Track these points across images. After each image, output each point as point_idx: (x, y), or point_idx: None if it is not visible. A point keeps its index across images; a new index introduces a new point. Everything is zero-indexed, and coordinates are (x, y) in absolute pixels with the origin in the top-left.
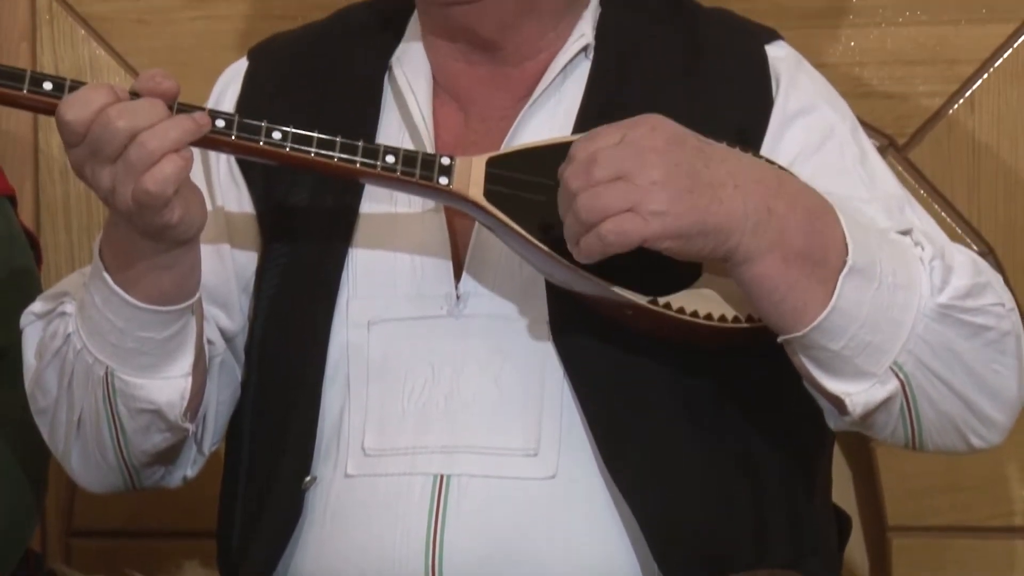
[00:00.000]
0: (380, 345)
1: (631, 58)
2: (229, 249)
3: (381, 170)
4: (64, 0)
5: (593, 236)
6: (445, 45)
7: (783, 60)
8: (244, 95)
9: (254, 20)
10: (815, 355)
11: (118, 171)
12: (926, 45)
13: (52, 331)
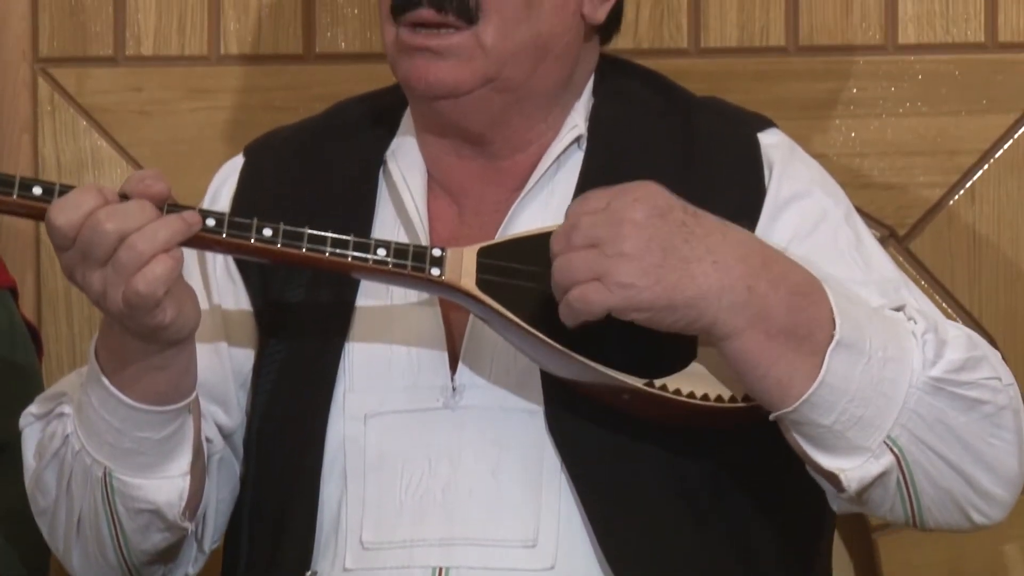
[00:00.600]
0: (377, 438)
1: (624, 149)
2: (227, 347)
3: (373, 264)
4: (66, 91)
5: (564, 302)
6: (436, 140)
7: (776, 147)
8: (240, 192)
9: (255, 111)
10: (807, 431)
11: (108, 274)
12: (926, 136)
13: (51, 432)
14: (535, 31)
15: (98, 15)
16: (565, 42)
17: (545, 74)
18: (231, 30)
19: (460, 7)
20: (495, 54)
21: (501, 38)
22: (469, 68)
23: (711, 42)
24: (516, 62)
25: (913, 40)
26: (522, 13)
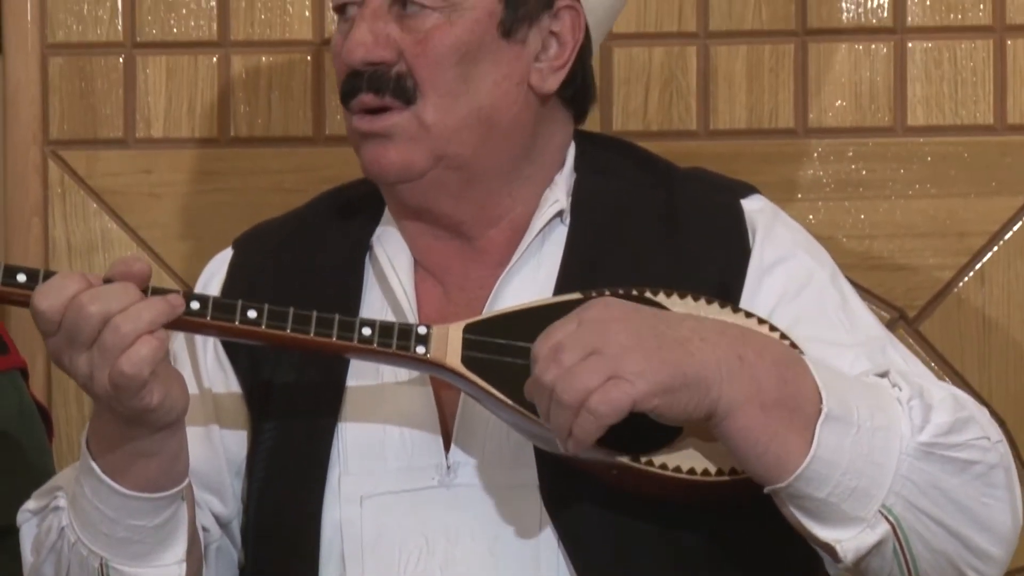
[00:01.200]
0: (373, 520)
1: (608, 223)
2: (219, 433)
3: (358, 342)
4: (76, 174)
5: (584, 414)
6: (411, 223)
7: (759, 212)
8: (228, 284)
9: (266, 193)
10: (802, 504)
11: (94, 356)
12: (935, 218)
13: (47, 527)
14: (475, 105)
15: (108, 98)
16: (512, 115)
17: (495, 148)
18: (241, 113)
19: (397, 88)
20: (437, 131)
21: (441, 115)
22: (416, 148)
23: (720, 124)
24: (460, 138)
25: (922, 122)
26: (459, 88)
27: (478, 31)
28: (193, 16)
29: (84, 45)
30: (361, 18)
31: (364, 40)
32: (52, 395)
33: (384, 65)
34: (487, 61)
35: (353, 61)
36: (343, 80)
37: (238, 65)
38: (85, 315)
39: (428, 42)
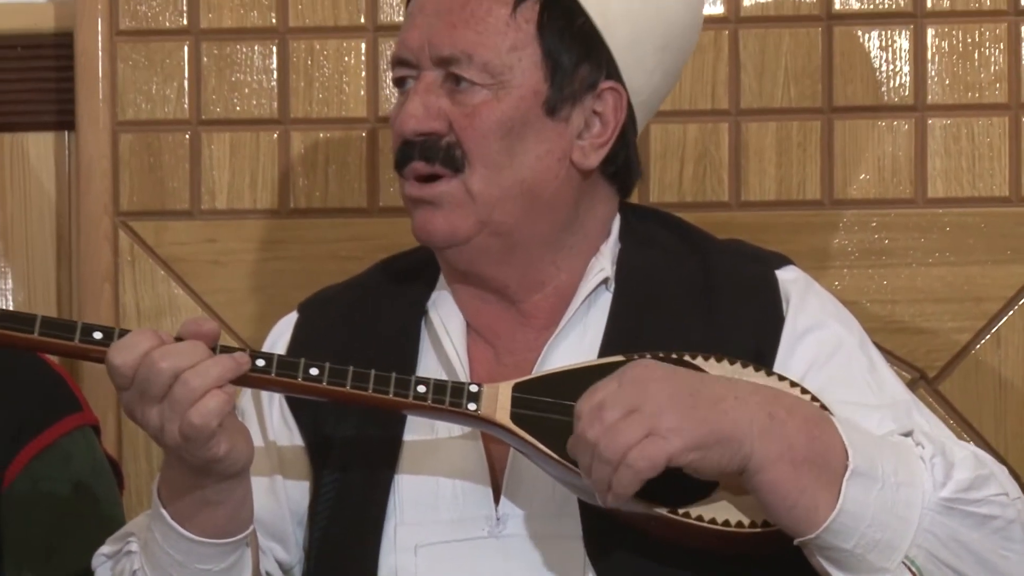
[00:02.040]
0: (427, 568)
1: (650, 291)
2: (283, 484)
3: (413, 399)
4: (145, 243)
5: (623, 469)
6: (462, 287)
7: (793, 282)
8: (293, 345)
9: (323, 261)
10: (830, 555)
11: (165, 409)
12: (954, 284)
13: (120, 570)
14: (519, 177)
15: (175, 172)
16: (554, 188)
17: (537, 218)
18: (300, 186)
19: (446, 157)
20: (483, 200)
21: (487, 185)
22: (462, 215)
23: (751, 196)
24: (504, 207)
25: (941, 194)
26: (504, 160)
27: (523, 108)
28: (255, 95)
29: (152, 122)
30: (415, 91)
31: (416, 112)
32: (123, 449)
33: (435, 136)
34: (531, 137)
35: (406, 131)
36: (397, 148)
37: (297, 141)
38: (156, 371)
39: (476, 116)
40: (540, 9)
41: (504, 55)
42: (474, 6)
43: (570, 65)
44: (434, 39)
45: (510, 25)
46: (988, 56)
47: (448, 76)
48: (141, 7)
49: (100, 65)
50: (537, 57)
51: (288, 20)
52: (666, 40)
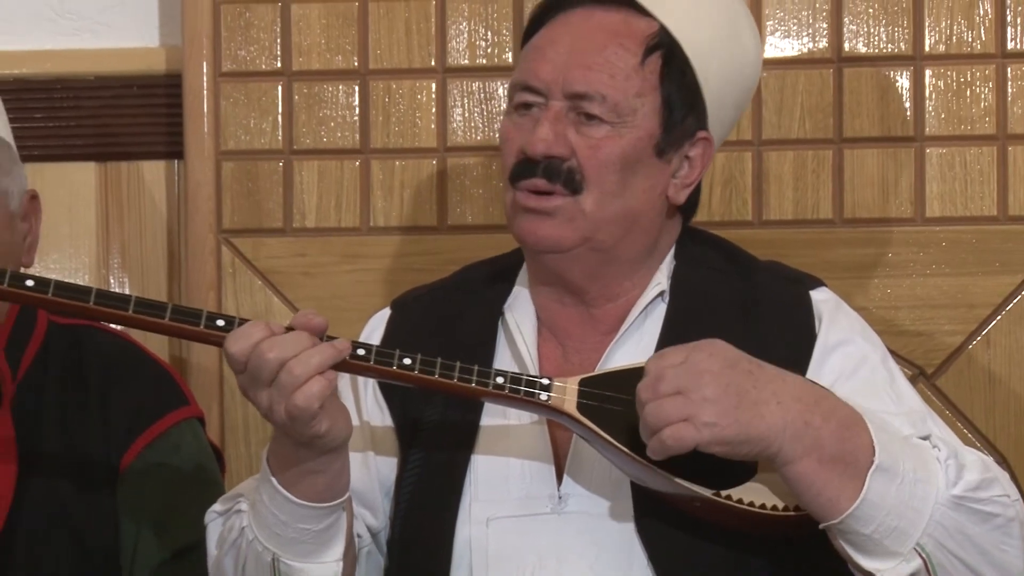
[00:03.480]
0: (496, 539)
1: (699, 304)
2: (374, 460)
3: (493, 388)
4: (244, 257)
5: (656, 440)
6: (545, 289)
7: (825, 302)
8: (386, 339)
9: (397, 272)
10: (851, 539)
11: (273, 392)
12: (949, 292)
13: (230, 526)
14: (626, 206)
15: (270, 195)
16: (650, 218)
17: (632, 241)
18: (379, 207)
19: (567, 179)
20: (592, 220)
21: (598, 208)
22: (570, 228)
23: (771, 215)
24: (608, 228)
25: (938, 214)
26: (617, 189)
27: (639, 147)
28: (339, 128)
29: (251, 152)
30: (545, 118)
31: (547, 137)
32: (225, 438)
33: (559, 159)
34: (641, 172)
35: (535, 153)
36: (516, 162)
37: (376, 168)
38: (264, 360)
39: (600, 148)
40: (662, 63)
41: (630, 99)
42: (609, 53)
43: (680, 115)
44: (569, 76)
45: (638, 73)
46: (978, 93)
47: (574, 108)
48: (241, 52)
49: (205, 102)
50: (656, 104)
51: (368, 63)
52: (742, 100)
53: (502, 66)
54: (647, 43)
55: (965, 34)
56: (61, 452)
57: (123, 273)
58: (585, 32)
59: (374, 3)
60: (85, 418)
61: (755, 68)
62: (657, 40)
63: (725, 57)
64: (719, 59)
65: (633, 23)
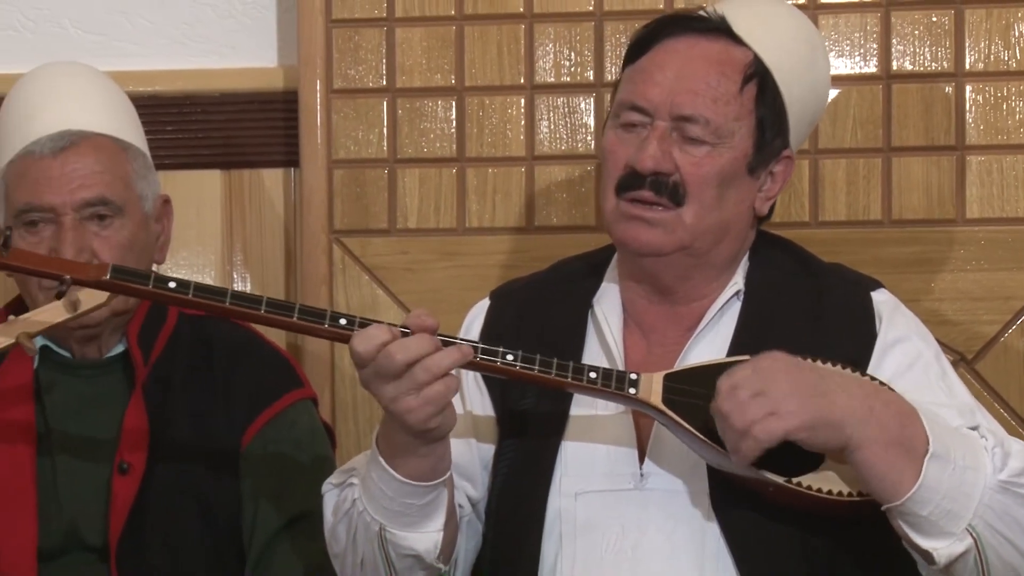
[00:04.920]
0: (584, 510)
1: (771, 304)
2: (475, 441)
3: (586, 383)
4: (353, 255)
5: (748, 439)
6: (635, 286)
7: (884, 303)
8: (486, 327)
9: (489, 268)
10: (910, 520)
11: (401, 386)
12: (987, 286)
13: (343, 497)
14: (722, 217)
15: (376, 199)
16: (739, 227)
17: (723, 249)
18: (473, 210)
19: (672, 193)
20: (691, 230)
21: (697, 219)
22: (670, 237)
23: (826, 217)
24: (704, 237)
25: (977, 215)
26: (714, 203)
27: (735, 165)
28: (438, 139)
29: (359, 161)
30: (652, 137)
31: (655, 154)
32: (336, 417)
33: (664, 175)
34: (735, 187)
35: (644, 168)
36: (624, 175)
37: (471, 175)
38: (393, 361)
39: (701, 166)
40: (757, 90)
41: (730, 122)
42: (712, 80)
43: (770, 136)
44: (677, 99)
45: (737, 99)
46: (1014, 106)
47: (678, 128)
48: (350, 71)
49: (319, 116)
50: (751, 126)
51: (464, 81)
52: (816, 117)
53: (584, 83)
54: (745, 72)
55: (1002, 53)
56: (188, 430)
57: (245, 269)
58: (690, 59)
59: (469, 27)
60: (210, 399)
61: (827, 89)
62: (753, 69)
63: (806, 81)
64: (800, 84)
65: (732, 52)
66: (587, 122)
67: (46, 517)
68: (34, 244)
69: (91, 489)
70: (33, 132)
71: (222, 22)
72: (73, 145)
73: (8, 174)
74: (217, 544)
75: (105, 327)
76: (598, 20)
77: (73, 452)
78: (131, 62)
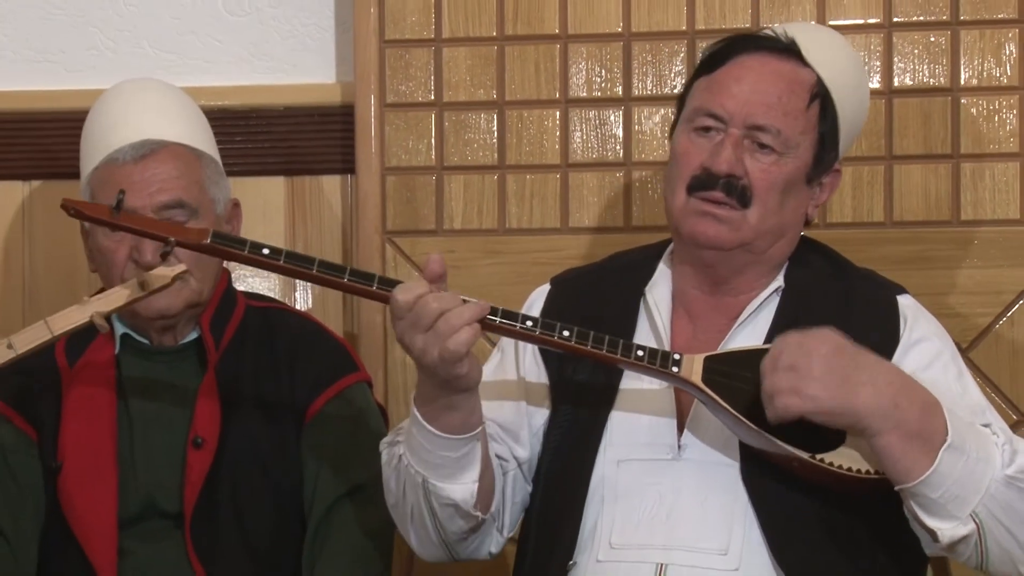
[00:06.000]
0: (625, 477)
1: (806, 301)
2: (525, 406)
3: (635, 360)
4: (404, 253)
5: (770, 405)
6: (688, 276)
7: (909, 307)
8: (544, 309)
9: (527, 266)
10: (920, 500)
11: (429, 336)
12: (980, 282)
13: (392, 452)
14: (781, 221)
15: (425, 202)
16: (793, 231)
17: (776, 249)
18: (512, 212)
19: (741, 196)
20: (754, 230)
21: (760, 221)
22: (735, 234)
23: (834, 219)
24: (763, 238)
25: (971, 217)
26: (776, 207)
27: (797, 174)
28: (481, 149)
29: (409, 168)
30: (727, 142)
31: (729, 159)
32: (388, 398)
33: (736, 178)
34: (794, 194)
35: (719, 170)
36: (698, 175)
37: (511, 181)
38: (428, 309)
39: (769, 172)
40: (820, 108)
41: (796, 135)
42: (785, 96)
43: (827, 151)
44: (751, 110)
45: (804, 115)
46: (1005, 119)
47: (749, 136)
48: (402, 87)
49: (373, 128)
50: (813, 141)
51: (505, 96)
52: (857, 134)
53: (613, 98)
54: (811, 91)
55: (994, 70)
56: (256, 409)
57: None
58: (764, 75)
59: (509, 47)
60: (276, 381)
61: (867, 108)
62: (817, 90)
63: (855, 101)
64: (851, 104)
65: (800, 73)
66: (616, 133)
67: (125, 487)
68: (117, 243)
69: (167, 462)
70: (116, 141)
71: (285, 42)
72: (153, 153)
73: (93, 179)
74: (281, 511)
75: (181, 317)
76: (626, 40)
77: (150, 428)
78: (203, 79)
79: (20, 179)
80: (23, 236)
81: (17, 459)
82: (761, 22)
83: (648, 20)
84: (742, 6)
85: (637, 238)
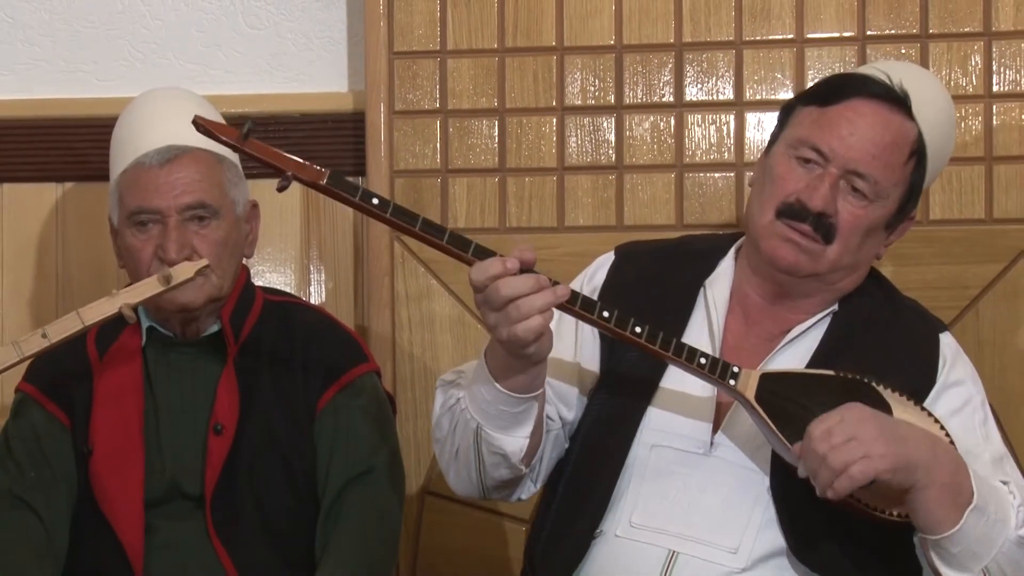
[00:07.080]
0: (656, 462)
1: (854, 328)
2: (579, 378)
3: (696, 366)
4: (411, 250)
5: (844, 477)
6: (753, 280)
7: (948, 347)
8: (608, 279)
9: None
10: (939, 552)
11: (499, 317)
12: (948, 277)
13: (451, 394)
14: (857, 259)
15: (431, 203)
16: (864, 268)
17: (847, 283)
18: (512, 212)
19: (826, 232)
20: (830, 264)
21: (838, 257)
22: (812, 265)
23: None
24: (838, 272)
25: (940, 216)
26: (855, 247)
27: (880, 221)
28: (483, 153)
29: (416, 171)
30: (825, 179)
31: (826, 197)
32: (396, 387)
33: (826, 216)
34: (873, 237)
35: (815, 206)
36: (790, 203)
37: (511, 183)
38: (498, 295)
39: (858, 216)
40: (915, 164)
41: (890, 186)
42: (891, 149)
43: (911, 202)
44: (856, 156)
45: (901, 169)
46: (970, 125)
47: (845, 178)
48: (409, 95)
49: (382, 134)
50: (902, 191)
51: (505, 104)
52: None
53: (606, 106)
54: (912, 147)
55: (961, 80)
56: (272, 397)
57: (320, 263)
58: (874, 124)
59: (510, 58)
60: (291, 371)
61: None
62: (917, 146)
63: (942, 156)
64: (939, 159)
65: (905, 127)
66: (608, 138)
67: (151, 471)
68: (143, 242)
69: (190, 447)
70: (143, 146)
71: (301, 54)
72: (177, 157)
73: (121, 182)
74: (296, 493)
75: (202, 311)
76: (618, 52)
77: (174, 415)
78: (225, 88)
79: (54, 181)
80: (56, 234)
81: (51, 444)
82: (744, 36)
83: (639, 33)
84: (725, 21)
85: (628, 236)
